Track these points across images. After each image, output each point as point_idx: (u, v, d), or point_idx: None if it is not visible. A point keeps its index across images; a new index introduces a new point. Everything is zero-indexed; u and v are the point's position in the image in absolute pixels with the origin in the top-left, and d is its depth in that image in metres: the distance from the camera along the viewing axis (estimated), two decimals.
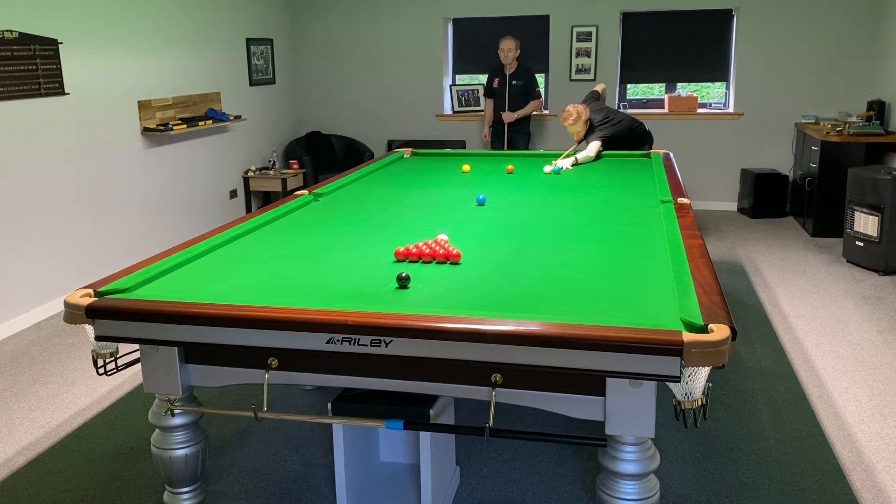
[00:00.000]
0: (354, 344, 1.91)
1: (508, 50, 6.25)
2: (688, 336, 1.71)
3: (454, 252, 2.46)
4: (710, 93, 7.58)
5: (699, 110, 7.20)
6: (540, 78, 7.60)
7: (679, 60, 7.16)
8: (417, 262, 2.47)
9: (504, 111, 6.34)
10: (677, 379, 1.73)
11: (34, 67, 4.41)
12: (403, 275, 2.19)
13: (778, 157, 7.04)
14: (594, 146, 4.72)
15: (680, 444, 2.96)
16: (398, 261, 2.49)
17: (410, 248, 2.50)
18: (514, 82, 6.30)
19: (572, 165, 4.50)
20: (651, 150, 4.88)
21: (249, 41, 6.93)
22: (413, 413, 2.19)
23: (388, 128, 7.77)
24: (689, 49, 7.11)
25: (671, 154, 4.68)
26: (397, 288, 2.18)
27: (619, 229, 2.89)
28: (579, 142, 5.01)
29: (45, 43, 4.50)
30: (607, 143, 4.83)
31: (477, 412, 3.09)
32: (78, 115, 4.82)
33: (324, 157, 7.50)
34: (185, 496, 2.37)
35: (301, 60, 7.84)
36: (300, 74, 7.88)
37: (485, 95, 6.74)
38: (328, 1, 7.64)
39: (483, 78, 7.71)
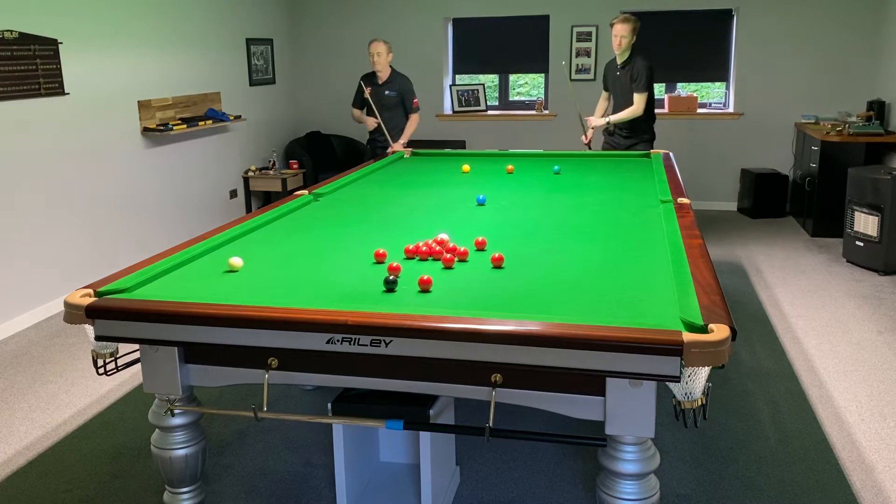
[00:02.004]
0: (354, 344, 1.91)
1: (377, 54, 5.45)
2: (688, 336, 1.71)
3: (462, 249, 2.51)
4: (710, 93, 7.58)
5: (699, 110, 7.19)
6: (541, 78, 7.62)
7: (679, 60, 7.15)
8: (427, 259, 2.50)
9: (377, 119, 5.50)
10: (677, 379, 1.73)
11: (34, 67, 4.41)
12: (391, 278, 2.17)
13: (778, 157, 7.03)
14: (643, 98, 4.96)
15: (680, 444, 2.96)
16: (408, 258, 2.51)
17: (420, 245, 2.54)
18: (386, 92, 5.53)
19: (607, 123, 4.95)
20: (651, 150, 4.88)
21: (249, 41, 6.93)
22: (413, 413, 2.19)
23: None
24: (689, 49, 7.11)
25: (671, 154, 4.68)
26: (384, 291, 2.16)
27: (619, 229, 2.89)
28: (619, 54, 5.10)
29: (45, 43, 4.50)
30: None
31: (477, 412, 3.09)
32: (78, 115, 4.82)
33: (324, 157, 7.49)
34: (185, 496, 2.37)
35: (301, 60, 7.84)
36: (300, 74, 7.88)
37: (353, 105, 5.78)
38: (328, 1, 7.63)
39: (482, 78, 7.73)
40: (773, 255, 5.60)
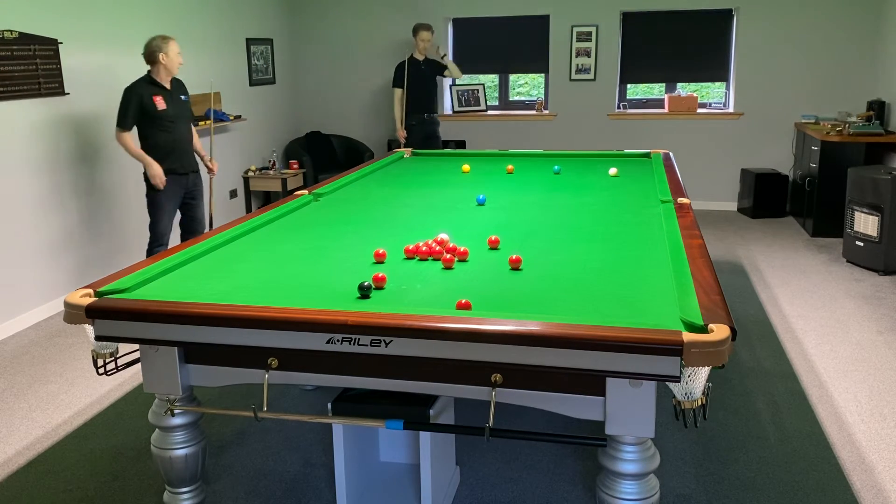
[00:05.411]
0: (354, 344, 1.91)
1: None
2: (688, 336, 1.71)
3: (461, 249, 2.51)
4: (710, 93, 7.57)
5: (699, 110, 7.19)
6: (541, 78, 7.61)
7: (679, 60, 7.15)
8: (427, 259, 2.50)
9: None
10: (677, 379, 1.73)
11: (34, 67, 4.40)
12: (365, 284, 2.13)
13: (778, 157, 7.03)
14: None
15: (680, 444, 2.96)
16: (408, 258, 2.52)
17: (420, 245, 2.55)
18: (182, 97, 4.44)
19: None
20: (651, 151, 4.88)
21: (249, 41, 6.93)
22: (413, 413, 2.19)
23: (388, 128, 7.77)
24: (689, 49, 7.11)
25: (671, 154, 4.68)
26: (358, 298, 2.12)
27: (619, 229, 2.89)
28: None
29: (45, 43, 4.49)
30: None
31: (477, 412, 3.09)
32: (78, 115, 4.82)
33: (324, 157, 7.49)
34: (185, 496, 2.37)
35: (301, 60, 7.83)
36: (300, 74, 7.88)
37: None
38: (328, 1, 7.63)
39: (483, 78, 7.72)
40: (773, 255, 5.60)
